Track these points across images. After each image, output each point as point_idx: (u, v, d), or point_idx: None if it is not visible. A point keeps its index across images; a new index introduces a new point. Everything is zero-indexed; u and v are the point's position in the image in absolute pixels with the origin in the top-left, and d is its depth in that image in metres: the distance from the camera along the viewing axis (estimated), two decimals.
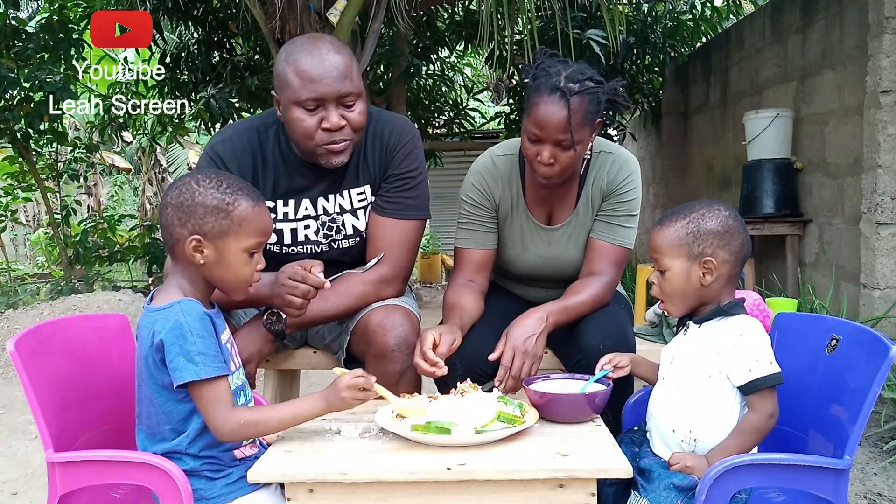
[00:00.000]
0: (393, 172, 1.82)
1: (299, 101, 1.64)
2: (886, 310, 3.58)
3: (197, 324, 1.24)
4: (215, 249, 1.29)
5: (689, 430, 1.37)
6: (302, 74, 1.63)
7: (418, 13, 5.91)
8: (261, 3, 4.04)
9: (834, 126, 4.20)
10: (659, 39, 6.61)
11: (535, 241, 1.91)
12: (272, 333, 1.72)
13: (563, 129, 1.65)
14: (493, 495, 1.19)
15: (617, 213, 1.84)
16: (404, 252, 1.84)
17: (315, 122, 1.65)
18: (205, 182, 1.29)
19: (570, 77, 1.67)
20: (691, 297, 1.41)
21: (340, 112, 1.66)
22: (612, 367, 1.53)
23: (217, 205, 1.28)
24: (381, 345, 1.69)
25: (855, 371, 1.33)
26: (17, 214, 8.58)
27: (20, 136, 5.82)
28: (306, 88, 1.63)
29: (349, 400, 1.31)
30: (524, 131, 1.72)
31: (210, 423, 1.25)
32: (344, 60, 1.66)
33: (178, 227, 1.28)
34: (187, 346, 1.22)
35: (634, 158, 1.89)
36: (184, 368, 1.22)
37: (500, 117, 8.68)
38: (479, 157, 1.93)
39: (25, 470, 2.69)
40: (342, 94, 1.65)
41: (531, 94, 1.69)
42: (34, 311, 4.65)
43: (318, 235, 1.86)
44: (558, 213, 1.90)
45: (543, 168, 1.71)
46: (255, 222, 1.30)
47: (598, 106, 1.70)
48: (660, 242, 1.41)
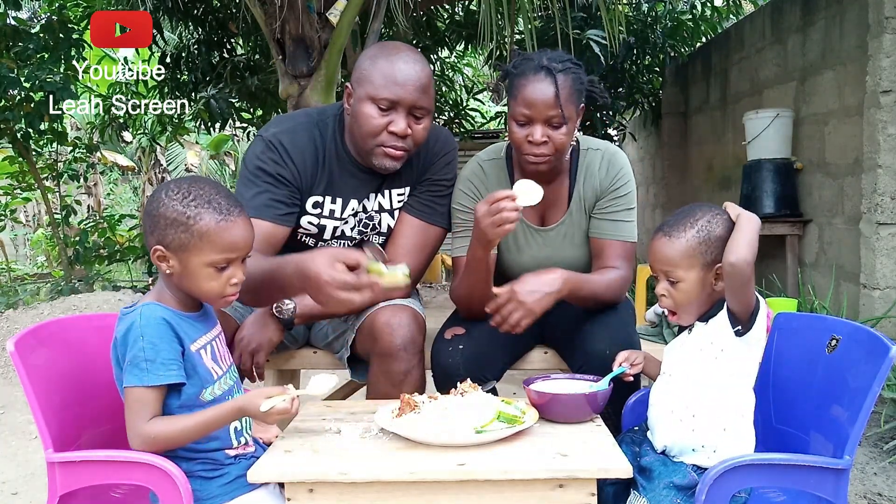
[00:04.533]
0: (430, 177, 1.87)
1: (376, 97, 1.68)
2: (886, 310, 3.58)
3: (151, 329, 1.23)
4: (178, 262, 1.27)
5: (686, 407, 1.37)
6: (388, 75, 1.67)
7: (418, 13, 5.91)
8: (261, 3, 4.04)
9: (834, 126, 4.20)
10: (659, 39, 6.61)
11: (529, 243, 1.90)
12: (281, 323, 1.73)
13: (552, 104, 1.66)
14: (493, 495, 1.19)
15: (618, 208, 1.84)
16: (423, 256, 1.88)
17: (383, 122, 1.69)
18: (173, 192, 1.27)
19: (551, 58, 1.71)
20: (703, 303, 1.41)
21: (409, 121, 1.70)
22: (629, 365, 1.53)
23: (177, 217, 1.25)
24: (388, 344, 1.70)
25: (855, 371, 1.33)
26: (17, 214, 8.59)
27: (20, 136, 5.82)
28: (387, 88, 1.67)
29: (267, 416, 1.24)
30: (511, 116, 1.73)
31: (130, 432, 1.23)
32: (427, 75, 1.72)
33: (148, 236, 1.29)
34: (136, 350, 1.22)
35: (622, 152, 1.90)
36: (129, 373, 1.22)
37: (500, 117, 8.68)
38: (467, 165, 1.93)
39: (25, 470, 2.68)
40: (417, 105, 1.70)
41: (516, 80, 1.72)
42: (34, 311, 4.66)
43: (354, 231, 1.89)
44: (551, 213, 1.89)
45: (536, 148, 1.71)
46: (217, 238, 1.25)
47: (581, 86, 1.73)
48: (671, 254, 1.39)
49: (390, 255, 1.87)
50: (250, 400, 1.25)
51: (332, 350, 1.93)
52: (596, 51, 5.39)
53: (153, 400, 1.23)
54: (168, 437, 1.23)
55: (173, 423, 1.24)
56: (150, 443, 1.23)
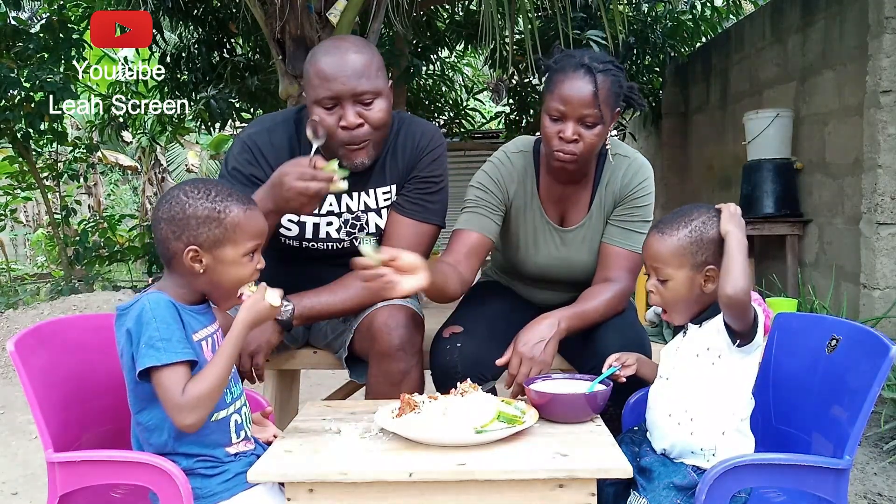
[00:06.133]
0: (418, 174, 1.85)
1: (318, 99, 1.68)
2: (886, 310, 3.58)
3: (162, 311, 1.24)
4: (213, 258, 1.29)
5: (685, 410, 1.37)
6: (320, 73, 1.67)
7: (418, 13, 5.91)
8: (261, 4, 4.04)
9: (834, 126, 4.20)
10: (659, 39, 6.61)
11: (547, 242, 1.89)
12: (279, 324, 1.73)
13: (588, 103, 1.64)
14: (493, 495, 1.19)
15: (632, 218, 1.82)
16: (418, 253, 1.85)
17: (334, 120, 1.69)
18: (193, 193, 1.29)
19: (594, 58, 1.68)
20: (693, 304, 1.41)
21: (358, 110, 1.68)
22: (619, 365, 1.53)
23: (209, 214, 1.28)
24: (385, 344, 1.70)
25: (855, 371, 1.33)
26: (17, 214, 8.58)
27: (20, 136, 5.82)
28: (323, 87, 1.67)
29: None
30: (545, 111, 1.70)
31: (171, 412, 1.21)
32: (362, 59, 1.68)
33: (173, 241, 1.28)
34: (150, 331, 1.21)
35: (649, 165, 1.87)
36: (145, 354, 1.20)
37: (500, 117, 8.68)
38: (494, 154, 1.91)
39: (25, 470, 2.69)
40: (358, 93, 1.67)
41: (554, 75, 1.69)
42: (34, 311, 4.66)
43: (341, 233, 1.88)
44: (571, 214, 1.88)
45: (566, 145, 1.68)
46: (247, 226, 1.31)
47: (619, 89, 1.70)
48: (662, 251, 1.40)
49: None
50: (252, 307, 1.30)
51: (331, 350, 1.93)
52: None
53: (181, 376, 1.22)
54: (209, 392, 1.22)
55: (203, 378, 1.23)
56: (196, 406, 1.21)
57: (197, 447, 1.28)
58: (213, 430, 1.30)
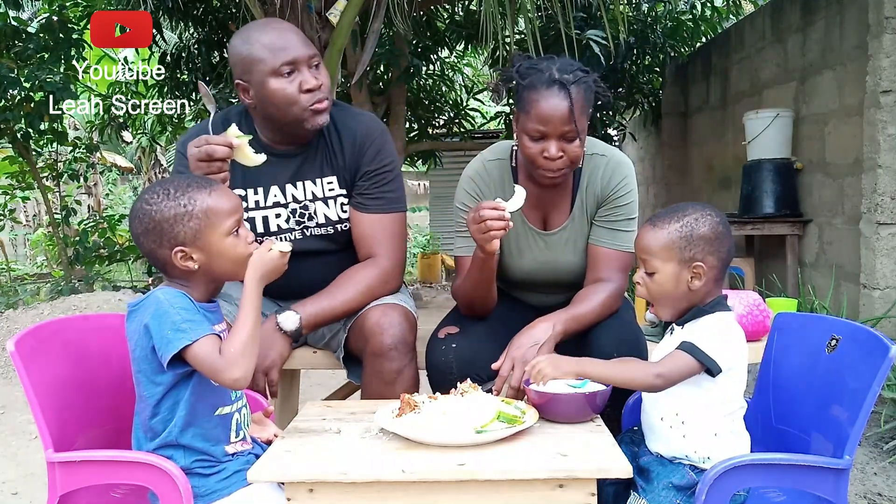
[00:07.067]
0: (368, 169, 1.86)
1: (275, 70, 1.71)
2: (886, 310, 3.58)
3: (178, 300, 1.26)
4: (201, 250, 1.30)
5: (676, 413, 1.37)
6: (270, 46, 1.72)
7: (418, 13, 5.91)
8: (261, 4, 4.04)
9: (834, 126, 4.20)
10: (659, 39, 6.61)
11: (530, 246, 1.89)
12: (289, 336, 1.74)
13: (567, 120, 1.63)
14: (493, 495, 1.19)
15: (617, 217, 1.82)
16: (397, 243, 1.88)
17: (295, 87, 1.73)
18: (154, 199, 1.30)
19: (561, 69, 1.66)
20: (679, 300, 1.41)
21: (312, 74, 1.75)
22: None
23: (177, 212, 1.29)
24: (378, 343, 1.70)
25: (855, 371, 1.33)
26: (17, 214, 8.58)
27: (20, 136, 5.82)
28: (278, 57, 1.71)
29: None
30: (523, 131, 1.69)
31: (218, 376, 1.24)
32: (297, 30, 1.79)
33: (158, 250, 1.30)
34: (173, 317, 1.23)
35: (628, 160, 1.87)
36: (174, 339, 1.22)
37: (500, 117, 8.68)
38: (471, 163, 1.91)
39: (25, 470, 2.69)
40: (311, 56, 1.75)
41: (526, 92, 1.67)
42: (34, 311, 4.66)
43: (290, 223, 1.89)
44: (553, 217, 1.88)
45: (552, 163, 1.68)
46: (218, 206, 1.31)
47: (591, 94, 1.71)
48: (651, 243, 1.41)
49: (361, 254, 1.88)
50: (257, 260, 1.32)
51: (329, 349, 1.93)
52: (596, 51, 5.38)
53: (214, 343, 1.25)
54: (245, 343, 1.25)
55: (235, 334, 1.27)
56: (238, 359, 1.24)
57: (200, 440, 1.29)
58: (216, 423, 1.31)
